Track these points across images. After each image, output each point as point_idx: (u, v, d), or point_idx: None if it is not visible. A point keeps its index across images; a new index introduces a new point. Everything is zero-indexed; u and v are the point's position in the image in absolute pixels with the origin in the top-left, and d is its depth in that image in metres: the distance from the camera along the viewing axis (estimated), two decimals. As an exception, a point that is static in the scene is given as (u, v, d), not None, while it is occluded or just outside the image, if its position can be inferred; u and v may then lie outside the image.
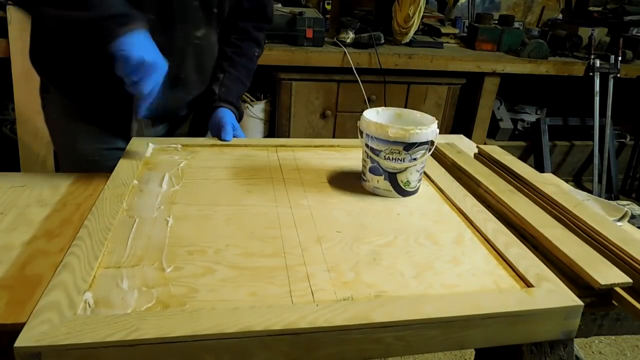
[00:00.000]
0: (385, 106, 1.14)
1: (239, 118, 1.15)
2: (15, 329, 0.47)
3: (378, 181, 0.83)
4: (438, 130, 0.82)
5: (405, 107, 2.52)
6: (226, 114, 1.10)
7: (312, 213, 0.76)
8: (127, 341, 0.47)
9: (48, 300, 0.51)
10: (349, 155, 1.01)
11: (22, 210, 0.74)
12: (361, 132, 0.83)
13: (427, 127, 0.79)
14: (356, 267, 0.63)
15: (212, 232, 0.68)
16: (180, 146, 0.98)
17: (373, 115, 0.86)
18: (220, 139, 1.03)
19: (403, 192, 0.83)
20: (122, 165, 0.86)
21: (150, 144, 0.96)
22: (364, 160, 0.85)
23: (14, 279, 0.58)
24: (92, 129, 1.05)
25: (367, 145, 0.82)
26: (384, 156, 0.80)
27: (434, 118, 0.84)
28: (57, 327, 0.48)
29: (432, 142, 0.81)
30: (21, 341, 0.46)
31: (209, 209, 0.75)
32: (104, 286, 0.56)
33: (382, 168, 0.81)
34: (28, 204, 0.76)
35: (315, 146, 1.05)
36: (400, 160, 0.80)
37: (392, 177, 0.82)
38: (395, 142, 0.78)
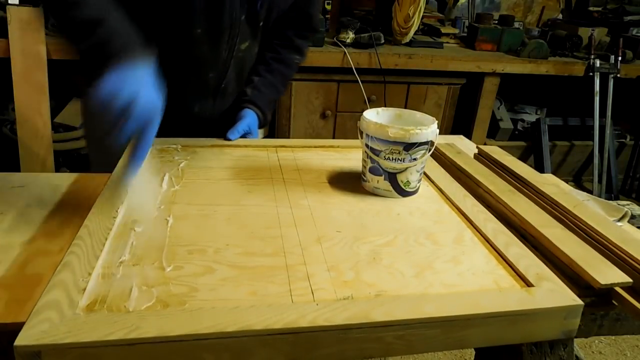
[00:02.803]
0: (385, 106, 1.14)
1: (263, 123, 1.14)
2: (15, 328, 0.47)
3: (378, 181, 0.83)
4: (438, 131, 0.82)
5: (405, 107, 2.52)
6: (248, 115, 1.09)
7: (312, 213, 0.76)
8: (127, 340, 0.47)
9: (48, 299, 0.51)
10: (348, 156, 1.01)
11: (22, 210, 0.74)
12: (361, 133, 0.83)
13: (427, 127, 0.79)
14: (356, 267, 0.63)
15: (212, 232, 0.68)
16: (180, 146, 0.98)
17: (373, 116, 0.86)
18: (225, 137, 1.03)
19: (403, 192, 0.83)
20: (123, 165, 0.86)
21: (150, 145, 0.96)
22: (364, 160, 0.85)
23: (14, 279, 0.58)
24: None
25: (367, 146, 0.82)
26: (384, 156, 0.80)
27: (434, 118, 0.84)
28: (57, 325, 0.48)
29: (432, 143, 0.81)
30: (21, 340, 0.46)
31: (209, 209, 0.75)
32: (104, 285, 0.56)
33: (382, 168, 0.81)
34: (28, 204, 0.76)
35: (315, 146, 1.05)
36: (400, 161, 0.80)
37: (392, 177, 0.82)
38: (395, 142, 0.78)
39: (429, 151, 0.82)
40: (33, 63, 1.89)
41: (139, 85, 0.68)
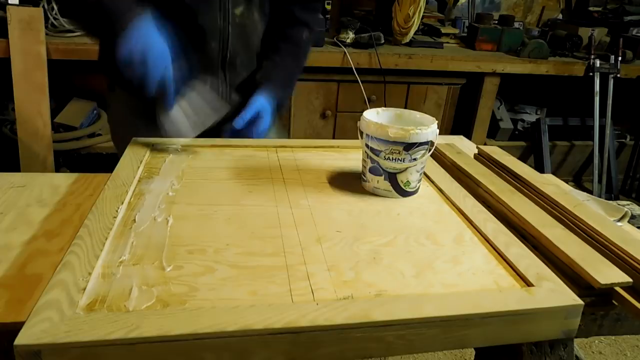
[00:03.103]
0: (385, 106, 1.14)
1: (280, 105, 1.11)
2: (14, 328, 0.47)
3: (378, 181, 0.83)
4: (438, 131, 0.82)
5: (405, 107, 2.52)
6: (255, 101, 1.06)
7: (312, 213, 0.76)
8: (127, 339, 0.47)
9: (48, 298, 0.51)
10: (348, 156, 1.01)
11: (22, 210, 0.74)
12: (361, 133, 0.83)
13: (427, 127, 0.79)
14: (356, 267, 0.63)
15: (212, 232, 0.68)
16: (180, 147, 0.98)
17: (373, 116, 0.86)
18: (232, 127, 1.01)
19: (403, 193, 0.83)
20: (122, 165, 0.86)
21: (150, 145, 0.96)
22: (364, 160, 0.85)
23: (14, 279, 0.58)
24: (151, 124, 1.05)
25: (367, 146, 0.82)
26: (384, 156, 0.80)
27: (434, 118, 0.84)
28: (57, 325, 0.48)
29: (432, 143, 0.81)
30: (21, 339, 0.46)
31: (209, 209, 0.75)
32: (104, 285, 0.56)
33: (382, 168, 0.81)
34: (28, 204, 0.76)
35: (315, 147, 1.05)
36: (400, 161, 0.80)
37: (392, 177, 0.82)
38: (395, 142, 0.78)
39: (429, 151, 0.82)
40: (33, 63, 1.89)
41: (146, 39, 0.83)
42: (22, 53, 1.87)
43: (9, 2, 1.86)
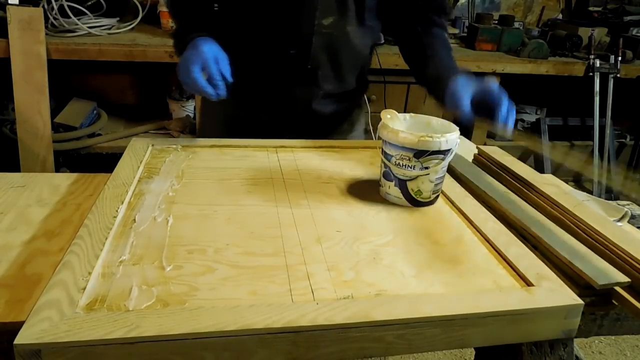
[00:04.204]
0: (385, 107, 1.13)
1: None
2: (14, 328, 0.47)
3: (389, 187, 0.81)
4: (458, 142, 0.78)
5: (405, 107, 2.52)
6: (465, 83, 0.92)
7: (312, 213, 0.76)
8: (127, 339, 0.47)
9: (48, 297, 0.51)
10: (348, 156, 1.01)
11: (22, 210, 0.74)
12: (379, 137, 0.81)
13: (439, 136, 0.75)
14: (356, 267, 0.63)
15: (212, 232, 0.68)
16: (180, 146, 0.98)
17: (400, 121, 0.84)
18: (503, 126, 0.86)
19: (414, 202, 0.80)
20: (122, 165, 0.86)
21: (150, 145, 0.96)
22: (381, 165, 0.83)
23: (14, 278, 0.58)
24: (239, 131, 1.10)
25: (382, 150, 0.81)
26: (395, 162, 0.78)
27: (457, 129, 0.79)
28: (57, 324, 0.48)
29: (446, 152, 0.77)
30: (21, 338, 0.46)
31: (209, 209, 0.75)
32: (104, 284, 0.56)
33: (392, 174, 0.80)
34: (28, 204, 0.76)
35: (315, 147, 1.05)
36: (411, 168, 0.77)
37: (402, 184, 0.79)
38: (404, 148, 0.76)
39: (444, 161, 0.77)
40: (33, 63, 1.88)
41: (201, 46, 0.90)
42: (22, 53, 1.86)
43: (9, 2, 1.86)
